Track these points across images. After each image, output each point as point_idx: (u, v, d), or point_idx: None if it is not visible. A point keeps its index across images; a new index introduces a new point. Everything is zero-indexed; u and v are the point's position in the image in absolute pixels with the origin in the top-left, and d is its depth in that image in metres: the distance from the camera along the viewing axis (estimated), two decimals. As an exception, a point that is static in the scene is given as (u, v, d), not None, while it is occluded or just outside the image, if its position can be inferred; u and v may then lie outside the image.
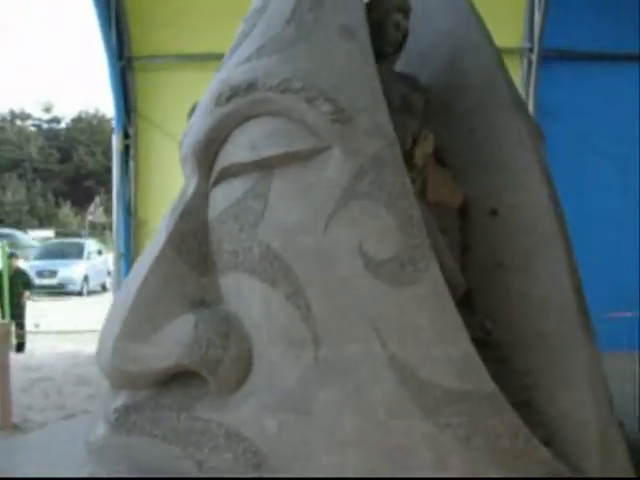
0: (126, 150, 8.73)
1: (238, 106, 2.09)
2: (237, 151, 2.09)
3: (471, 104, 2.60)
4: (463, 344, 1.93)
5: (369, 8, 2.54)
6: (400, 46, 2.61)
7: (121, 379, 2.07)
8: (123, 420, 2.02)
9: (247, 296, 2.03)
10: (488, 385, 1.94)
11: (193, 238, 2.15)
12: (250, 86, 2.08)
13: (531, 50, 6.10)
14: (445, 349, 1.92)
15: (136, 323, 2.05)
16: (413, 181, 2.43)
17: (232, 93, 2.10)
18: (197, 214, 2.17)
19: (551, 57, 6.02)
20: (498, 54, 2.58)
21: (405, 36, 2.61)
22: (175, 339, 1.99)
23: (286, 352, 1.95)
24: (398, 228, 1.95)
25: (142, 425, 2.00)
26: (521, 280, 2.43)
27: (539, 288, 2.38)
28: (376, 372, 1.89)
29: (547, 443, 2.18)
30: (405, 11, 2.57)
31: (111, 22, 6.46)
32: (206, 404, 2.00)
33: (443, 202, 2.49)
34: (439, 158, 2.67)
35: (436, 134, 2.69)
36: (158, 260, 2.11)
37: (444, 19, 2.71)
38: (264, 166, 2.04)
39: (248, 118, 2.10)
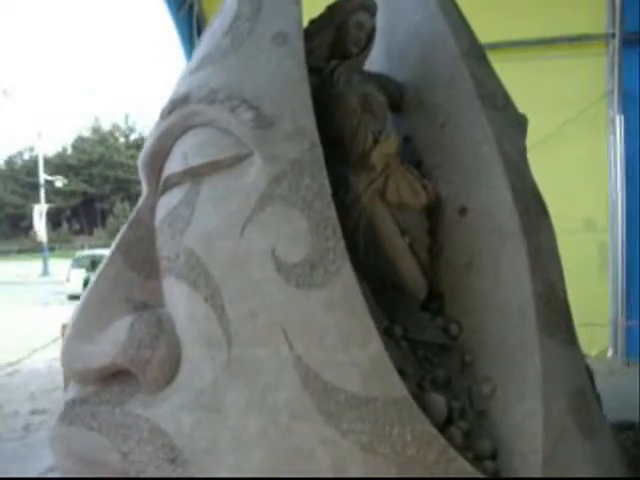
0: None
1: (176, 119, 2.20)
2: (173, 162, 2.21)
3: (441, 99, 2.55)
4: (372, 348, 1.90)
5: (331, 9, 2.56)
6: (366, 45, 2.59)
7: (72, 375, 2.25)
8: (68, 412, 2.18)
9: (177, 299, 2.12)
10: (397, 391, 1.89)
11: (140, 245, 2.28)
12: (185, 99, 2.18)
13: (613, 36, 5.64)
14: (351, 353, 1.90)
15: (84, 324, 2.22)
16: (372, 182, 2.43)
17: (172, 107, 2.22)
18: (145, 222, 2.30)
19: (632, 41, 5.55)
20: (465, 46, 2.49)
21: (371, 35, 2.59)
22: (113, 339, 2.12)
23: (204, 353, 2.02)
24: (310, 231, 1.96)
25: (83, 417, 2.14)
26: (486, 282, 2.33)
27: (502, 291, 2.28)
28: (282, 375, 1.91)
29: (494, 454, 2.09)
30: (369, 10, 2.55)
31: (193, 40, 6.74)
32: (138, 400, 2.11)
33: (405, 203, 2.43)
34: (414, 156, 2.63)
35: (412, 131, 2.66)
36: (107, 265, 2.27)
37: (415, 13, 2.66)
38: (194, 175, 2.13)
39: (186, 130, 2.20)
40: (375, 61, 2.88)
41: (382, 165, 2.42)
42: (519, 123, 2.55)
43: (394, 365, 2.20)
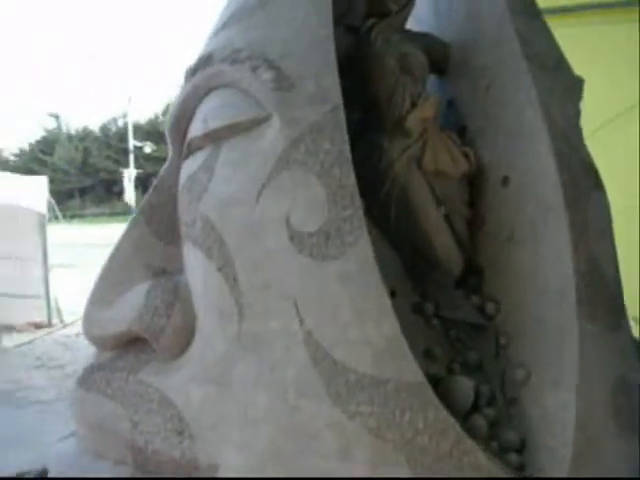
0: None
1: (198, 80, 2.11)
2: (195, 125, 2.13)
3: (486, 59, 2.35)
4: (387, 327, 1.78)
5: None
6: (408, 2, 2.42)
7: (91, 341, 2.23)
8: (86, 378, 2.16)
9: (193, 267, 2.06)
10: (412, 375, 1.76)
11: (162, 210, 2.23)
12: (208, 59, 2.09)
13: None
14: (364, 331, 1.78)
15: (104, 289, 2.19)
16: (407, 148, 2.27)
17: (195, 67, 2.13)
18: (168, 187, 2.24)
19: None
20: (511, 3, 2.27)
21: None
22: (130, 305, 2.08)
23: (216, 324, 1.95)
24: (327, 199, 1.85)
25: (99, 383, 2.12)
26: (526, 258, 2.15)
27: (541, 268, 2.09)
28: (291, 350, 1.81)
29: (521, 446, 1.93)
30: None
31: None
32: (151, 369, 2.07)
33: (442, 171, 2.27)
34: (458, 121, 2.45)
35: (457, 94, 2.49)
36: (130, 230, 2.23)
37: None
38: (214, 138, 2.04)
39: (209, 91, 2.11)
40: (423, 19, 2.71)
41: (419, 130, 2.26)
42: (572, 86, 2.33)
43: (422, 344, 2.09)
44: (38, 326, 8.73)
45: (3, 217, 8.02)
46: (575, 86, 2.39)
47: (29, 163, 45.95)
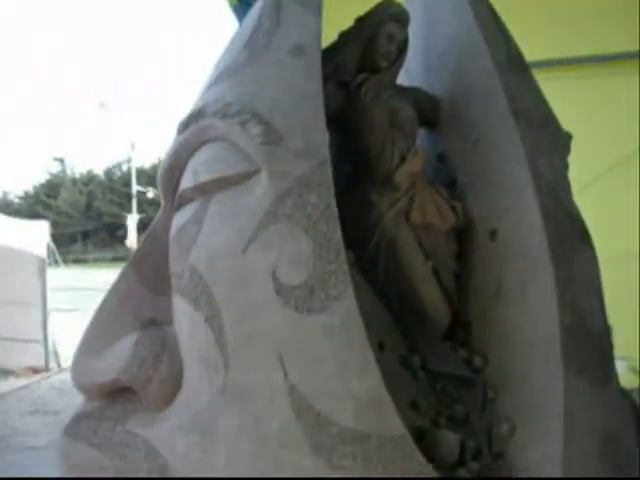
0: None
1: (190, 134, 2.16)
2: (186, 177, 2.16)
3: (475, 114, 2.40)
4: (370, 380, 1.79)
5: (361, 20, 2.47)
6: (397, 58, 2.48)
7: (80, 390, 2.23)
8: (73, 427, 2.16)
9: (181, 317, 2.07)
10: (394, 428, 1.76)
11: (153, 260, 2.26)
12: (199, 113, 2.14)
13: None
14: (347, 384, 1.78)
15: (93, 338, 2.20)
16: (395, 201, 2.30)
17: (187, 121, 2.18)
18: (159, 238, 2.27)
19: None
20: (500, 59, 2.34)
21: (402, 47, 2.47)
22: (118, 355, 2.09)
23: (202, 374, 1.96)
24: (314, 252, 1.87)
25: (85, 432, 2.12)
26: (514, 312, 2.17)
27: (528, 322, 2.11)
28: (275, 402, 1.82)
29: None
30: (400, 21, 2.44)
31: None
32: (138, 419, 2.07)
33: (430, 225, 2.30)
34: (448, 175, 2.50)
35: (447, 148, 2.53)
36: (119, 280, 2.26)
37: (452, 24, 2.53)
38: (204, 191, 2.08)
39: (200, 145, 2.15)
40: (415, 74, 2.77)
41: (407, 184, 2.30)
42: (560, 140, 2.38)
43: (408, 397, 2.09)
44: (36, 371, 8.69)
45: (3, 261, 8.08)
46: (562, 141, 2.44)
47: (34, 206, 46.38)
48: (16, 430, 5.65)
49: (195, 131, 2.14)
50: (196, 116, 2.14)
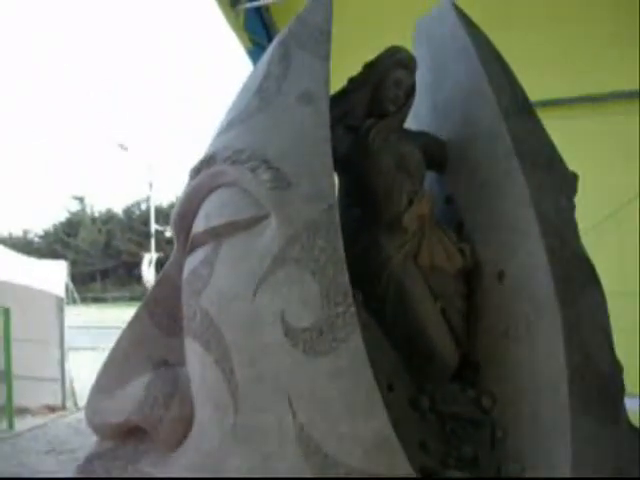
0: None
1: (202, 179, 2.23)
2: (198, 222, 2.23)
3: (481, 157, 2.46)
4: (377, 422, 1.81)
5: (370, 66, 2.54)
6: (405, 103, 2.54)
7: (93, 429, 2.27)
8: (86, 466, 2.20)
9: (192, 359, 2.11)
10: (402, 469, 1.78)
11: (166, 302, 2.31)
12: (211, 159, 2.21)
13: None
14: (354, 425, 1.81)
15: (107, 379, 2.25)
16: (404, 244, 2.34)
17: (200, 167, 2.25)
18: (172, 280, 2.32)
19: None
20: (505, 102, 2.40)
21: (409, 92, 2.54)
22: (130, 396, 2.13)
23: (212, 415, 1.99)
24: (321, 295, 1.91)
25: (98, 472, 2.16)
26: (522, 352, 2.20)
27: (536, 363, 2.14)
28: (284, 444, 1.85)
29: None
30: (408, 67, 2.51)
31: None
32: (150, 459, 2.10)
33: (438, 267, 2.34)
34: (456, 217, 2.54)
35: (455, 190, 2.58)
36: (133, 322, 2.31)
37: (458, 69, 2.59)
38: (215, 235, 2.14)
39: (212, 190, 2.22)
40: (422, 118, 2.83)
41: (414, 227, 2.34)
42: (565, 181, 2.42)
43: (417, 438, 2.11)
44: (52, 409, 8.71)
45: (22, 300, 8.18)
46: (569, 181, 2.48)
47: (53, 245, 46.87)
48: (32, 469, 5.67)
49: (207, 177, 2.21)
50: (207, 162, 2.21)
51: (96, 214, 50.81)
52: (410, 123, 2.88)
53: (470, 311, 2.39)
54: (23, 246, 44.82)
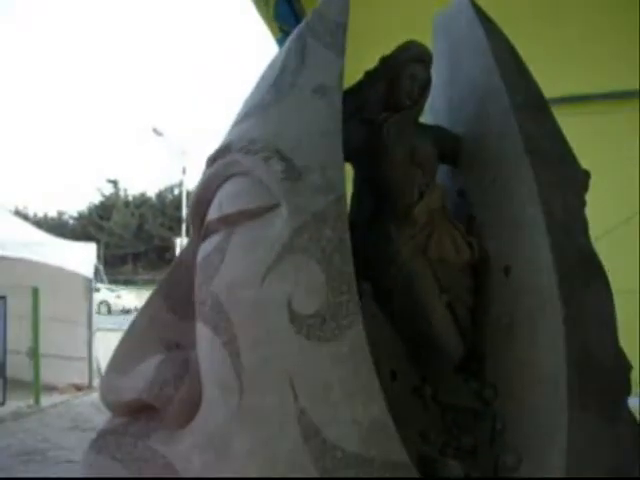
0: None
1: (218, 168, 2.29)
2: (212, 209, 2.29)
3: (492, 153, 2.49)
4: (374, 408, 1.87)
5: (386, 60, 2.58)
6: (420, 97, 2.57)
7: (106, 406, 2.36)
8: (99, 441, 2.29)
9: (202, 342, 2.18)
10: (396, 455, 1.84)
11: (179, 287, 2.39)
12: (226, 148, 2.28)
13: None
14: (353, 411, 1.87)
15: (121, 358, 2.34)
16: (413, 236, 2.39)
17: (215, 156, 2.32)
18: (186, 266, 2.40)
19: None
20: (518, 99, 2.41)
21: (425, 87, 2.57)
22: (142, 375, 2.22)
23: (219, 396, 2.06)
24: (327, 283, 1.97)
25: (109, 448, 2.24)
26: (524, 346, 2.24)
27: (537, 357, 2.17)
28: (285, 426, 1.91)
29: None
30: (424, 61, 2.54)
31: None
32: (159, 436, 2.18)
33: (446, 259, 2.38)
34: (467, 211, 2.57)
35: (467, 185, 2.61)
36: (147, 304, 2.39)
37: (473, 65, 2.61)
38: (228, 223, 2.20)
39: (227, 178, 2.28)
40: (439, 112, 2.86)
41: (424, 219, 2.39)
42: (576, 178, 2.44)
43: (418, 426, 2.16)
44: (79, 388, 8.95)
45: (52, 281, 8.38)
46: (579, 178, 2.50)
47: (87, 227, 47.62)
48: (55, 444, 5.85)
49: (221, 166, 2.28)
50: (223, 151, 2.28)
51: (130, 198, 51.36)
52: (427, 117, 2.91)
53: (477, 304, 2.43)
54: (57, 227, 45.60)
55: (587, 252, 2.33)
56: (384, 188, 2.51)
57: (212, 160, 2.33)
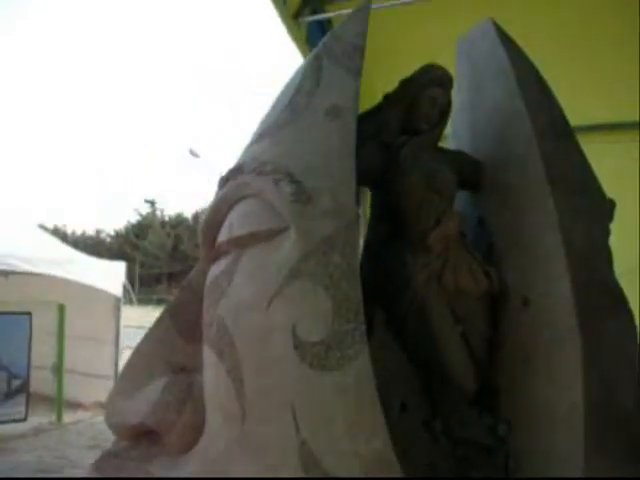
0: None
1: (230, 189, 2.26)
2: (223, 231, 2.25)
3: (513, 180, 2.41)
4: (377, 442, 1.80)
5: (405, 82, 2.53)
6: (440, 121, 2.51)
7: (111, 429, 2.33)
8: (102, 463, 2.25)
9: (207, 367, 2.14)
10: (399, 490, 1.75)
11: (188, 309, 2.35)
12: (238, 169, 2.24)
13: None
14: (355, 444, 1.80)
15: (127, 381, 2.30)
16: (428, 263, 2.31)
17: (227, 176, 2.28)
18: (195, 287, 2.36)
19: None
20: (540, 125, 2.34)
21: (444, 110, 2.51)
22: (147, 399, 2.18)
23: (221, 423, 2.01)
24: (333, 310, 1.91)
25: (111, 470, 2.20)
26: (541, 381, 2.14)
27: (553, 395, 2.07)
28: (285, 456, 1.85)
29: None
30: (443, 85, 2.48)
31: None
32: (161, 462, 2.13)
33: (463, 289, 2.29)
34: (487, 239, 2.49)
35: (487, 212, 2.53)
36: (155, 327, 2.36)
37: (496, 90, 2.54)
38: (237, 245, 2.16)
39: (238, 200, 2.24)
40: (462, 137, 2.80)
41: (440, 247, 2.31)
42: (600, 207, 2.35)
43: (426, 460, 2.08)
44: (104, 406, 8.93)
45: (82, 298, 8.44)
46: (603, 208, 2.40)
47: (123, 246, 48.27)
48: (72, 462, 5.83)
49: (233, 187, 2.24)
50: (235, 172, 2.24)
51: (166, 218, 51.99)
52: (450, 142, 2.85)
53: (494, 336, 2.33)
54: (95, 245, 46.30)
55: (609, 284, 2.24)
56: (400, 213, 2.44)
57: (224, 181, 2.29)
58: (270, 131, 2.28)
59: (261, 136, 2.31)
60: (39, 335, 7.68)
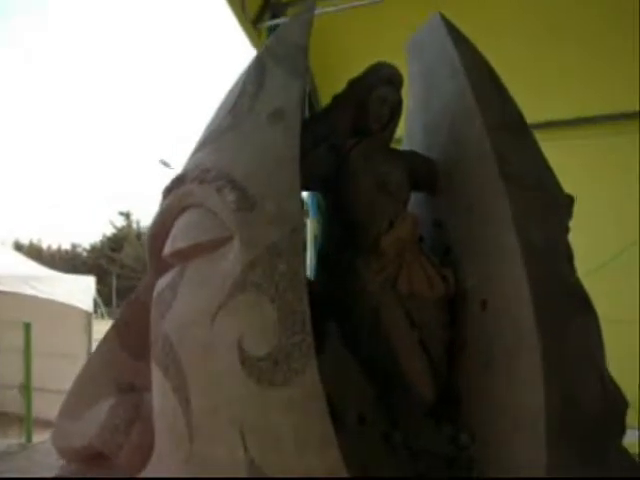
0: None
1: (173, 199, 2.17)
2: (167, 243, 2.16)
3: (467, 178, 2.35)
4: (328, 458, 1.71)
5: (354, 83, 2.46)
6: (390, 121, 2.44)
7: (58, 452, 2.22)
8: (51, 490, 2.16)
9: (154, 385, 2.05)
10: (352, 506, 1.68)
11: (135, 325, 2.25)
12: (181, 179, 2.15)
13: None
14: (304, 460, 1.72)
15: (73, 402, 2.20)
16: (382, 269, 2.24)
17: (170, 187, 2.20)
18: (142, 302, 2.27)
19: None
20: (493, 121, 2.27)
21: (395, 109, 2.44)
22: (94, 421, 2.08)
23: (169, 444, 1.92)
24: (280, 322, 1.83)
25: (61, 497, 2.11)
26: (501, 385, 2.07)
27: (514, 400, 2.00)
28: (235, 476, 1.76)
29: None
30: (393, 83, 2.42)
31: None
32: (112, 485, 2.04)
33: (418, 294, 2.22)
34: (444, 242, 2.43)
35: (443, 214, 2.47)
36: (101, 344, 2.26)
37: (447, 87, 2.49)
38: (182, 257, 2.07)
39: (181, 211, 2.16)
40: (415, 137, 2.74)
41: (394, 251, 2.24)
42: (556, 204, 2.28)
43: (387, 473, 2.01)
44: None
45: (52, 315, 8.29)
46: (561, 204, 2.35)
47: (99, 259, 47.69)
48: (39, 484, 5.72)
49: (176, 197, 2.15)
50: (178, 182, 2.16)
51: (142, 229, 51.51)
52: (404, 144, 2.79)
53: (453, 341, 2.27)
54: (70, 259, 45.73)
55: (570, 283, 2.18)
56: (351, 217, 2.37)
57: (167, 191, 2.20)
58: (213, 137, 2.21)
59: (204, 143, 2.23)
60: (6, 355, 7.51)
